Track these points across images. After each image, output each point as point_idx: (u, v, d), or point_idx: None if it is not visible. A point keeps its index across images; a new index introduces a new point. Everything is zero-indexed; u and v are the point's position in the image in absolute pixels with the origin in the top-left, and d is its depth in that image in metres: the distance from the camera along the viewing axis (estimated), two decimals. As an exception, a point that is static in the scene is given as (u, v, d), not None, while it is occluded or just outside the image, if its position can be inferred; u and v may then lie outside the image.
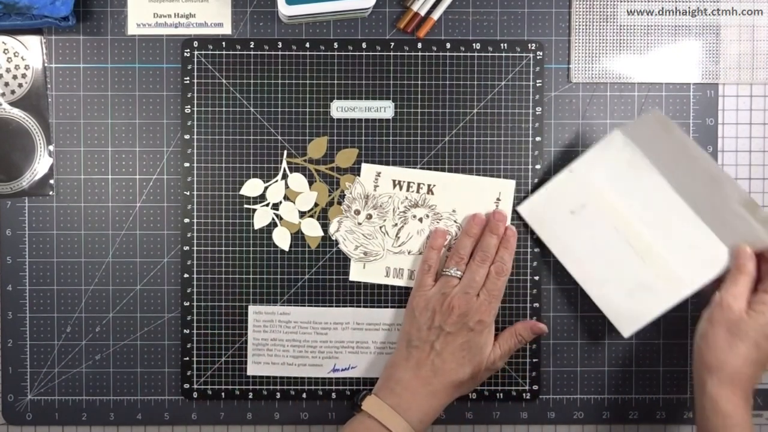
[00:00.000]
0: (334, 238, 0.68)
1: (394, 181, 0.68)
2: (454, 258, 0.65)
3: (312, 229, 0.68)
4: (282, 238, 0.68)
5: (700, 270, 0.62)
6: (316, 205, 0.68)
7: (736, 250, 0.60)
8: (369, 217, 0.67)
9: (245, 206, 0.68)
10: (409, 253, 0.68)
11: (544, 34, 0.68)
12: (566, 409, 0.69)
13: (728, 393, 0.57)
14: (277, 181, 0.68)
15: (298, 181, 0.68)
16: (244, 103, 0.68)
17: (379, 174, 0.68)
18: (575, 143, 0.69)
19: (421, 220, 0.68)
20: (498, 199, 0.68)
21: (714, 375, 0.58)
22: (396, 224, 0.68)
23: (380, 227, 0.68)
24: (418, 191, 0.68)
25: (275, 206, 0.68)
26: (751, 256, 0.60)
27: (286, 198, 0.68)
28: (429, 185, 0.68)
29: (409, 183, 0.68)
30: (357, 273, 0.68)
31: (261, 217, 0.68)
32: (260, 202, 0.68)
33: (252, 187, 0.68)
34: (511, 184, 0.68)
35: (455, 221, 0.68)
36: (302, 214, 0.68)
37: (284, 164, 0.68)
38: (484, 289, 0.63)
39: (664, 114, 0.67)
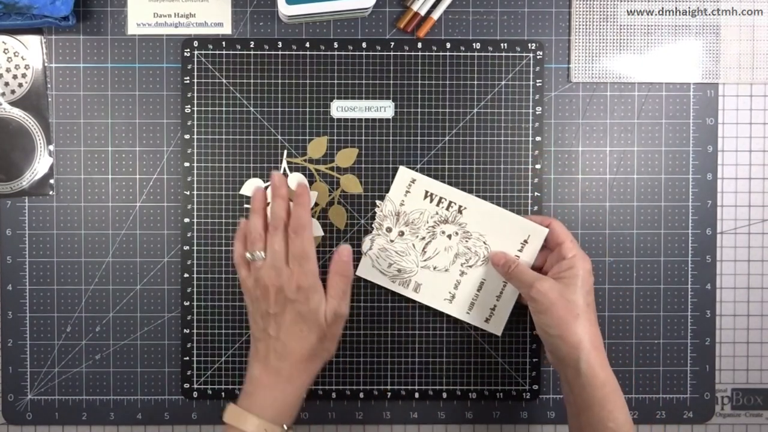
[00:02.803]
0: (366, 256, 0.67)
1: (426, 191, 0.66)
2: (249, 241, 0.60)
3: (312, 229, 0.68)
4: (282, 238, 0.68)
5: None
6: (316, 204, 0.68)
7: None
8: (401, 234, 0.67)
9: (245, 206, 0.68)
10: (434, 269, 0.67)
11: (544, 34, 0.68)
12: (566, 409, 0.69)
13: (601, 360, 0.58)
14: (277, 180, 0.68)
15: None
16: (244, 103, 0.68)
17: (413, 181, 0.67)
18: (575, 143, 0.69)
19: (450, 236, 0.66)
20: (525, 242, 0.65)
21: (581, 350, 0.57)
22: (424, 238, 0.67)
23: (412, 244, 0.67)
24: (448, 208, 0.66)
25: (275, 206, 0.68)
26: None
27: (286, 198, 0.68)
28: (460, 206, 0.66)
29: (440, 198, 0.66)
30: (365, 271, 0.68)
31: (261, 217, 0.68)
32: (260, 202, 0.68)
33: (252, 187, 0.68)
34: (544, 231, 0.65)
35: (484, 242, 0.66)
36: (302, 214, 0.68)
37: (284, 164, 0.68)
38: (290, 255, 0.58)
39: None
